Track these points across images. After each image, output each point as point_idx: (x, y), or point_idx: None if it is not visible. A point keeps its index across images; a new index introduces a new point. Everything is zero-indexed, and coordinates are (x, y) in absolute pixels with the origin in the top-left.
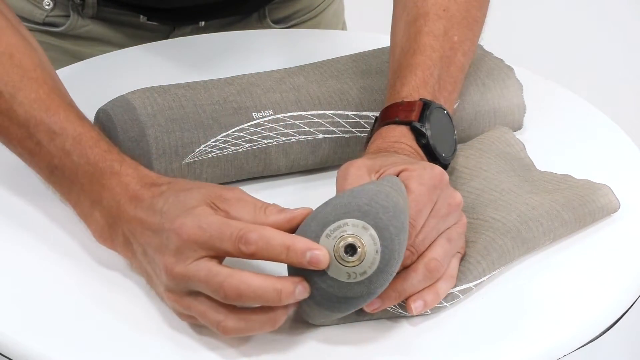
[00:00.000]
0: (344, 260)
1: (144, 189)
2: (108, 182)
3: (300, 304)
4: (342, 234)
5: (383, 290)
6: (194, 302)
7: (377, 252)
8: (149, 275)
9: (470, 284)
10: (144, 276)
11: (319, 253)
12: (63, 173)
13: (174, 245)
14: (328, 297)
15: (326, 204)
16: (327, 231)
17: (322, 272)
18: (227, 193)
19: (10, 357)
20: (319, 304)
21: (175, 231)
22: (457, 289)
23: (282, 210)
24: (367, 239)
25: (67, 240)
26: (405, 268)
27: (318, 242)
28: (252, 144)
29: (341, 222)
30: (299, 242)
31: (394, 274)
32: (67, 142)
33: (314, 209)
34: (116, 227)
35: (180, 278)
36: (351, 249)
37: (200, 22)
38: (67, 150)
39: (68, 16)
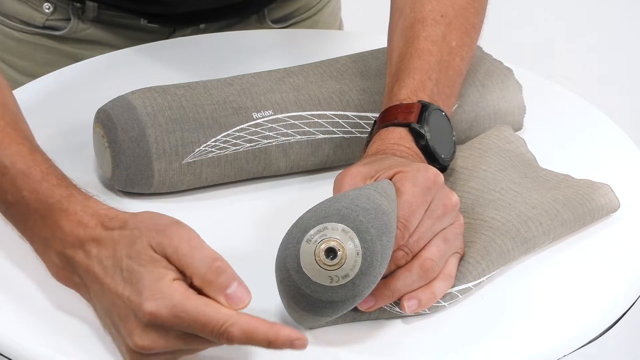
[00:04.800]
0: (325, 264)
1: (95, 232)
2: (59, 220)
3: (289, 311)
4: (322, 238)
5: (369, 292)
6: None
7: (358, 254)
8: (110, 328)
9: (470, 284)
10: (101, 321)
11: (300, 342)
12: (17, 209)
13: (147, 320)
14: (314, 303)
15: (308, 210)
16: (307, 236)
17: (306, 278)
18: (181, 244)
19: (10, 357)
20: (305, 309)
21: (149, 313)
22: (456, 288)
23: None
24: (348, 242)
25: None
26: (400, 268)
27: (299, 248)
28: (252, 144)
29: (321, 226)
30: (281, 334)
31: (379, 275)
32: (18, 176)
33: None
34: (71, 270)
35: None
36: (331, 252)
37: (200, 25)
38: (18, 185)
39: (68, 20)
